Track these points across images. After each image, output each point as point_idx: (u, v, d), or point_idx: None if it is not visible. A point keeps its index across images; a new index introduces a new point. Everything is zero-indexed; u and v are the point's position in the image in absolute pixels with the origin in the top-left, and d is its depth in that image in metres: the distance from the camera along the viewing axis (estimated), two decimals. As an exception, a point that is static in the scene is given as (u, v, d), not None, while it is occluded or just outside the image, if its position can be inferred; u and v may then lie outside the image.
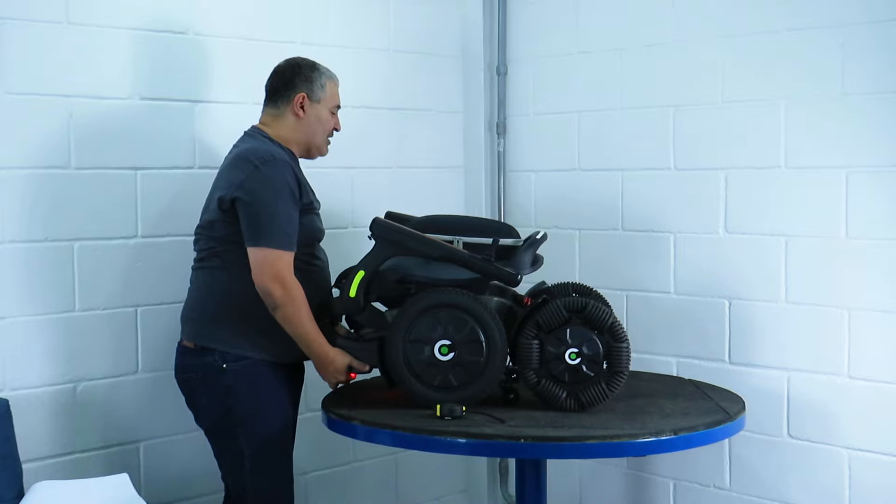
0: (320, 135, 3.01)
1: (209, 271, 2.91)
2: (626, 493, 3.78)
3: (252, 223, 2.78)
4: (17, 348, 2.96)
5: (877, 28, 3.07)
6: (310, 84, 2.96)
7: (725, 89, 3.42)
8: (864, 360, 3.15)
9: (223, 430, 2.89)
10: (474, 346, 2.81)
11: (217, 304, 2.88)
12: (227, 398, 2.84)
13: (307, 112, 2.96)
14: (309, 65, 3.00)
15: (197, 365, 2.88)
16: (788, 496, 3.33)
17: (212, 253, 2.90)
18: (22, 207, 2.96)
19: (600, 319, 2.78)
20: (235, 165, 2.84)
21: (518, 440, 2.59)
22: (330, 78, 3.02)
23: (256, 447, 2.86)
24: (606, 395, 2.79)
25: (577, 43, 3.84)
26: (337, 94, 3.04)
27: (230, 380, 2.83)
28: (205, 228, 2.92)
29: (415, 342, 2.83)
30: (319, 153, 3.06)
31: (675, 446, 2.71)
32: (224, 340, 2.85)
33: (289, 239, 2.80)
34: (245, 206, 2.78)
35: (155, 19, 3.19)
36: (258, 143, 2.91)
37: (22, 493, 2.70)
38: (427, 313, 2.83)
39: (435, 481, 4.04)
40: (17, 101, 2.94)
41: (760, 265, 3.35)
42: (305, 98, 2.95)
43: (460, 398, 2.80)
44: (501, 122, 4.09)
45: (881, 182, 3.09)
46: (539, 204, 3.99)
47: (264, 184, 2.79)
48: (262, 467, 2.87)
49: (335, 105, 3.03)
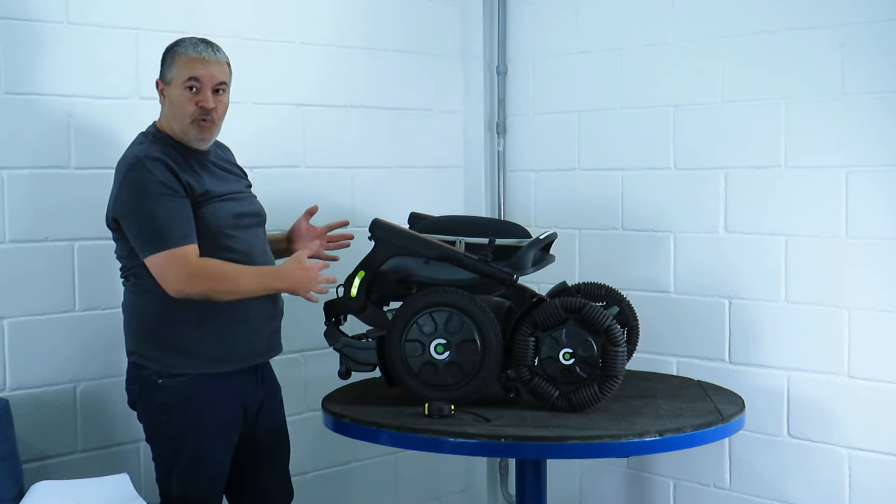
0: (180, 118, 2.70)
1: (128, 290, 2.78)
2: (626, 493, 3.78)
3: (136, 236, 2.63)
4: (16, 348, 2.96)
5: (877, 28, 3.07)
6: (162, 66, 2.74)
7: (725, 89, 3.42)
8: (864, 360, 3.15)
9: (157, 443, 2.77)
10: (469, 345, 2.81)
11: (140, 323, 2.75)
12: (160, 414, 2.72)
13: (166, 96, 2.73)
14: (171, 44, 2.75)
15: (135, 378, 2.76)
16: (788, 496, 3.34)
17: (124, 272, 2.77)
18: (22, 207, 2.96)
19: (597, 322, 2.76)
20: (115, 175, 2.70)
21: (520, 440, 2.59)
22: (180, 52, 2.71)
23: (186, 465, 2.73)
24: (598, 398, 2.77)
25: (577, 43, 3.84)
26: (190, 66, 2.69)
27: (165, 396, 2.70)
28: (115, 246, 2.77)
29: (412, 341, 2.84)
30: (189, 137, 2.72)
31: (664, 447, 2.71)
32: (156, 358, 2.71)
33: (174, 234, 2.59)
34: (125, 221, 2.64)
35: (155, 19, 3.19)
36: (136, 144, 2.73)
37: (22, 493, 2.70)
38: (423, 313, 2.84)
39: (435, 481, 4.04)
40: (17, 101, 2.94)
41: (760, 265, 3.35)
42: (160, 82, 2.75)
43: (456, 397, 2.82)
44: (501, 121, 4.09)
45: (881, 182, 3.09)
46: (539, 204, 3.99)
47: (133, 191, 2.62)
48: (189, 486, 2.75)
49: (187, 79, 2.69)
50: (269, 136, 3.47)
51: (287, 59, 3.52)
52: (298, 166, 3.55)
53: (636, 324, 3.19)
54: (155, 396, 2.72)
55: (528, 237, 2.99)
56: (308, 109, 3.57)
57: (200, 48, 2.72)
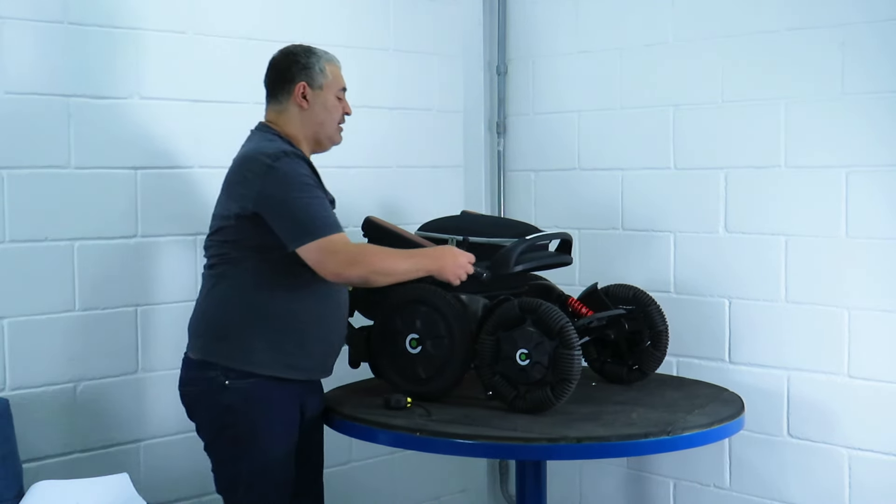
0: (329, 123, 2.83)
1: (218, 280, 2.74)
2: (626, 493, 3.78)
3: (291, 225, 2.61)
4: (17, 348, 2.96)
5: (877, 27, 3.07)
6: (308, 71, 2.79)
7: (725, 89, 3.42)
8: (864, 360, 3.15)
9: (220, 449, 2.75)
10: (439, 340, 2.85)
11: (225, 316, 2.71)
12: (226, 416, 2.69)
13: (311, 101, 2.79)
14: (304, 50, 2.82)
15: (198, 379, 2.73)
16: (788, 496, 3.34)
17: (222, 261, 2.73)
18: (22, 207, 2.96)
19: (550, 323, 2.71)
20: (247, 169, 2.66)
21: (520, 441, 2.58)
22: (329, 60, 2.84)
23: (253, 471, 2.71)
24: (552, 401, 2.72)
25: (577, 43, 3.84)
26: (340, 76, 2.86)
27: (231, 398, 2.67)
28: (216, 235, 2.74)
29: (391, 335, 2.91)
30: (332, 142, 2.87)
31: (664, 447, 2.70)
32: (229, 355, 2.68)
33: (331, 221, 2.63)
34: (274, 212, 2.62)
35: (155, 19, 3.19)
36: (265, 141, 2.74)
37: (22, 493, 2.70)
38: (401, 308, 2.90)
39: (435, 481, 4.04)
40: (17, 101, 2.94)
41: (760, 265, 3.35)
42: (306, 87, 2.79)
43: (429, 390, 2.87)
44: (501, 121, 4.09)
45: (881, 182, 3.09)
46: (539, 204, 3.99)
47: (284, 182, 2.61)
48: (258, 492, 2.73)
49: (340, 88, 2.85)
50: (269, 136, 3.47)
51: (287, 59, 3.52)
52: (298, 166, 3.55)
53: (664, 328, 3.11)
54: (221, 398, 2.68)
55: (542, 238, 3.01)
56: (308, 109, 3.57)
57: (336, 58, 2.88)
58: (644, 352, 3.11)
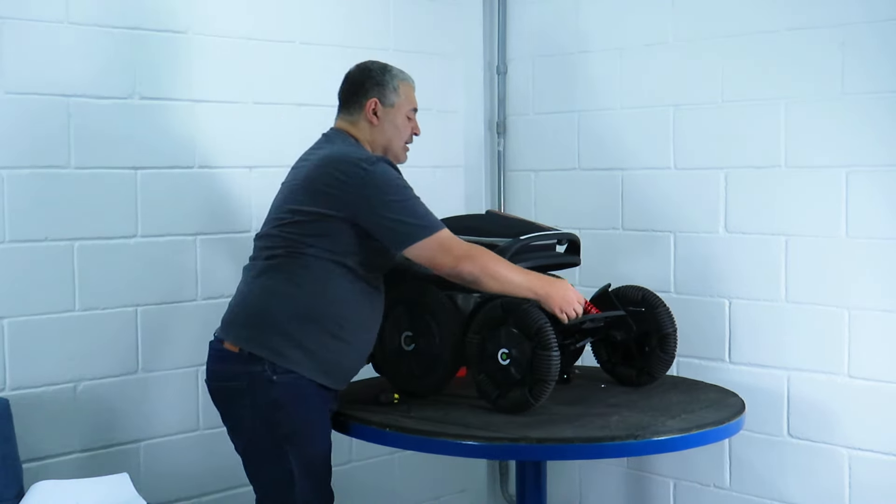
0: (396, 141, 2.84)
1: (275, 276, 2.67)
2: (626, 493, 3.78)
3: (399, 226, 2.61)
4: (17, 348, 2.96)
5: (877, 27, 3.07)
6: (381, 88, 2.82)
7: (725, 89, 3.42)
8: (864, 360, 3.15)
9: (267, 447, 2.65)
10: (429, 338, 2.88)
11: (278, 312, 2.64)
12: (274, 412, 2.61)
13: (381, 118, 2.81)
14: (380, 67, 2.86)
15: (241, 373, 2.63)
16: (788, 496, 3.34)
17: (286, 253, 2.66)
18: (22, 207, 2.96)
19: (528, 324, 2.69)
20: (340, 171, 2.63)
21: (520, 441, 2.58)
22: (403, 80, 2.86)
23: (307, 464, 2.66)
24: (529, 402, 2.70)
25: (577, 43, 3.84)
26: (413, 97, 2.88)
27: (279, 393, 2.60)
28: (282, 227, 2.68)
29: (389, 332, 2.94)
30: (397, 161, 2.83)
31: (664, 447, 2.68)
32: (276, 351, 2.61)
33: (436, 219, 2.66)
34: (377, 216, 2.61)
35: (155, 19, 3.19)
36: (350, 146, 2.76)
37: (22, 493, 2.70)
38: (397, 306, 2.92)
39: (435, 481, 4.04)
40: (17, 101, 2.95)
41: (760, 265, 3.35)
42: (378, 103, 2.80)
43: (423, 386, 2.91)
44: (501, 121, 4.09)
45: (881, 181, 3.09)
46: (539, 204, 3.99)
47: (386, 185, 2.62)
48: (313, 485, 2.69)
49: (411, 108, 2.87)
50: (269, 135, 3.47)
51: (287, 59, 3.52)
52: (298, 166, 3.55)
53: (672, 331, 3.04)
54: (270, 392, 2.61)
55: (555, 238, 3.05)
56: (308, 109, 3.56)
57: (410, 77, 2.90)
58: (651, 354, 3.08)
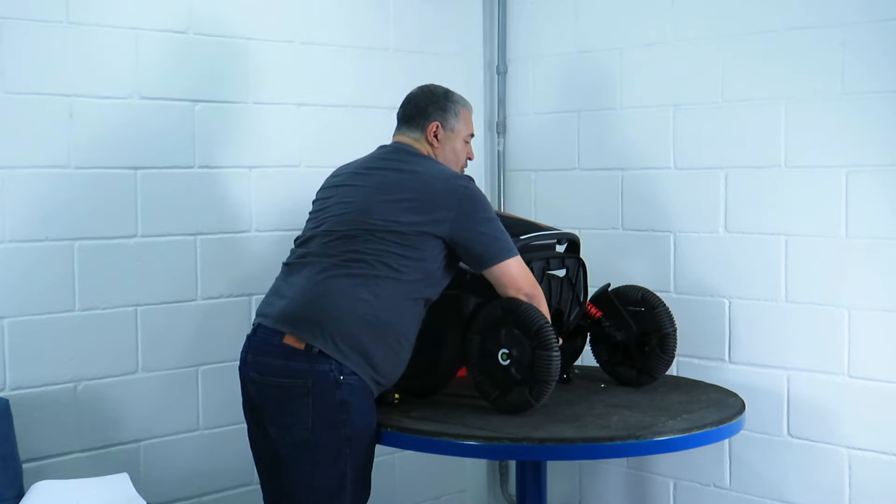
0: (453, 165, 2.90)
1: (354, 280, 2.67)
2: (626, 493, 3.78)
3: (489, 246, 2.73)
4: (17, 348, 2.96)
5: (877, 27, 3.07)
6: (443, 113, 2.90)
7: (725, 89, 3.42)
8: (864, 360, 3.15)
9: (328, 447, 2.63)
10: (427, 338, 2.85)
11: (352, 316, 2.64)
12: (340, 413, 2.61)
13: (441, 141, 2.89)
14: (442, 92, 2.94)
15: (307, 371, 2.61)
16: (788, 496, 3.34)
17: (371, 264, 2.68)
18: (22, 207, 2.96)
19: (527, 323, 2.69)
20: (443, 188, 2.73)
21: (520, 442, 2.58)
22: (464, 106, 2.95)
23: (360, 467, 2.67)
24: (529, 403, 2.70)
25: (577, 43, 3.85)
26: (471, 123, 2.97)
27: (346, 394, 2.61)
28: (373, 235, 2.70)
29: None
30: None
31: (664, 447, 2.69)
32: (343, 352, 2.62)
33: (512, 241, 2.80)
34: (472, 233, 2.72)
35: (155, 19, 3.19)
36: (436, 163, 2.85)
37: (22, 493, 2.70)
38: None
39: (435, 481, 4.04)
40: (17, 101, 2.94)
41: (760, 265, 3.35)
42: (439, 127, 2.88)
43: (424, 385, 2.92)
44: (501, 121, 4.09)
45: (881, 181, 3.09)
46: (539, 204, 3.99)
47: (480, 206, 2.75)
48: (362, 491, 2.71)
49: (469, 134, 2.96)
50: (269, 135, 3.47)
51: (287, 59, 3.52)
52: (298, 166, 3.55)
53: (672, 331, 3.06)
54: (336, 392, 2.61)
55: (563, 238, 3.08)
56: (308, 109, 3.57)
57: (469, 104, 3.00)
58: (651, 354, 3.09)
